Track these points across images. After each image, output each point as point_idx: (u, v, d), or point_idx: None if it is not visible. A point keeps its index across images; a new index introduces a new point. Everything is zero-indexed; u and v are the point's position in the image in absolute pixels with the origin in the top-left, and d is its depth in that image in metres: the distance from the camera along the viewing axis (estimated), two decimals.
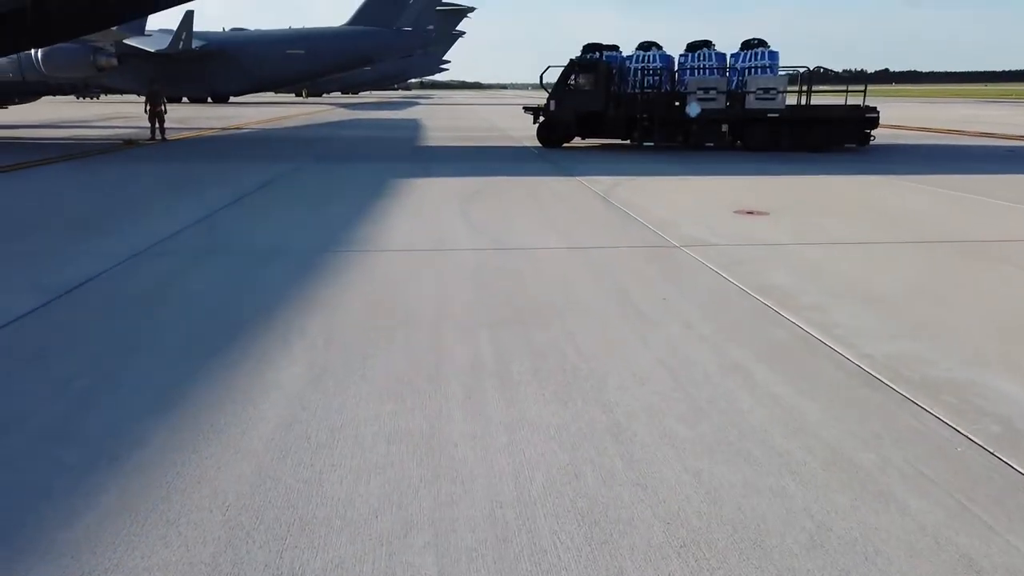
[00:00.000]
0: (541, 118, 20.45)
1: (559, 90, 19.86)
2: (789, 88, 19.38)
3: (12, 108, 35.72)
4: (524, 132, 21.23)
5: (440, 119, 37.59)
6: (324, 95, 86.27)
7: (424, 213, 9.96)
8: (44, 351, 4.79)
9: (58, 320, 5.46)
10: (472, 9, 69.06)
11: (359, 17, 62.15)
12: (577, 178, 13.58)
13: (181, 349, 4.85)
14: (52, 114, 38.64)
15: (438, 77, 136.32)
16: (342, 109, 50.84)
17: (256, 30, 66.60)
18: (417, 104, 64.09)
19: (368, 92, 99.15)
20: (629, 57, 20.30)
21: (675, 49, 20.50)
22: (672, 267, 7.04)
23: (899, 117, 34.69)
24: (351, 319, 5.47)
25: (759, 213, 9.86)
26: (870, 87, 22.19)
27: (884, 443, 3.61)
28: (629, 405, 4.03)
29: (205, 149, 20.64)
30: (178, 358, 4.68)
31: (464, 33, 75.47)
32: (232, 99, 64.15)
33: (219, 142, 23.12)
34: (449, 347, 4.89)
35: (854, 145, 18.98)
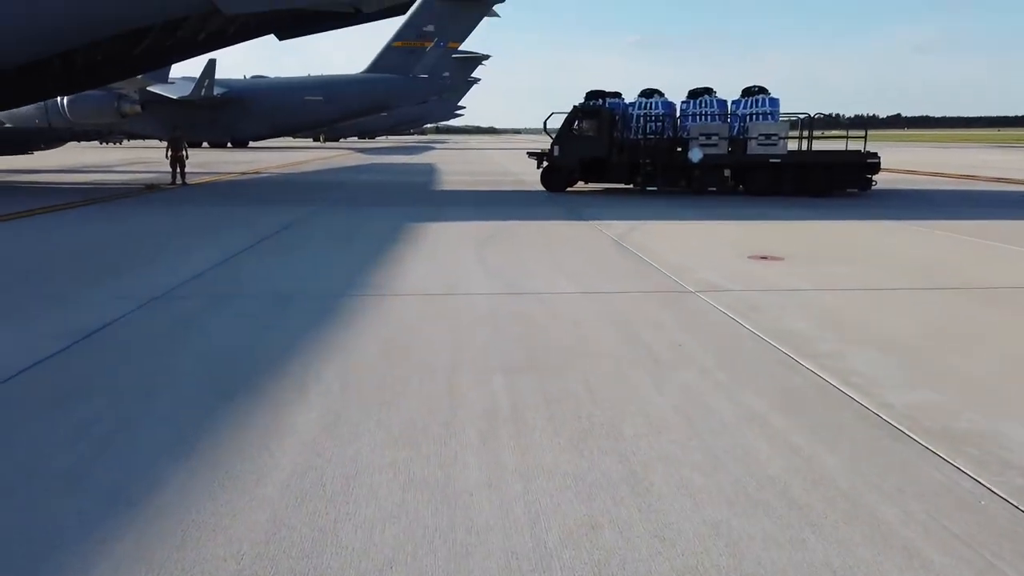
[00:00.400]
0: (545, 163, 20.72)
1: (563, 136, 20.18)
2: (790, 134, 19.57)
3: (37, 154, 36.50)
4: (536, 177, 21.47)
5: (454, 164, 38.08)
6: (341, 139, 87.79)
7: (439, 257, 10.04)
8: (64, 395, 4.83)
9: (78, 364, 5.51)
10: (487, 57, 70.28)
11: (377, 64, 63.59)
12: (589, 222, 13.67)
13: (198, 393, 4.88)
14: (76, 159, 39.52)
15: (453, 122, 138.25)
16: (359, 154, 51.66)
17: (275, 77, 68.20)
18: (432, 149, 65.06)
19: (384, 137, 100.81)
20: (632, 104, 20.62)
21: (680, 95, 20.83)
22: (688, 313, 7.03)
23: (912, 162, 34.79)
24: (367, 364, 5.49)
25: (773, 258, 9.86)
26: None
27: (906, 496, 3.55)
28: (645, 454, 3.99)
29: (225, 193, 20.99)
30: (195, 402, 4.71)
31: (479, 80, 76.71)
32: (251, 144, 65.45)
33: (238, 186, 23.50)
34: (464, 393, 4.89)
35: (855, 190, 19.05)
